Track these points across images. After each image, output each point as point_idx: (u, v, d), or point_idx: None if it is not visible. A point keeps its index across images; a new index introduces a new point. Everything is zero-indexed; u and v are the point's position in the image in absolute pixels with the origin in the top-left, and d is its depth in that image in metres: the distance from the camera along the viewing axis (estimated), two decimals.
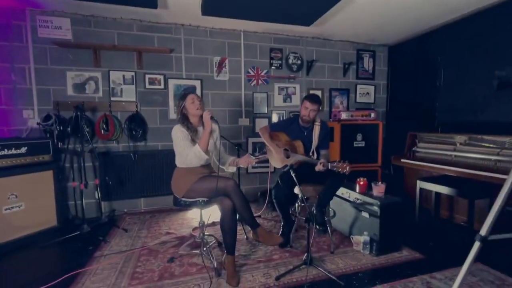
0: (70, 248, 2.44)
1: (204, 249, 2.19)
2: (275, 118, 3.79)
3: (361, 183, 2.41)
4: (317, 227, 2.13)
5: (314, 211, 2.15)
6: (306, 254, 1.99)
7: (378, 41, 4.10)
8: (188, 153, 1.95)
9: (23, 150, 2.54)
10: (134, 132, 3.17)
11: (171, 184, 2.09)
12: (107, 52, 3.10)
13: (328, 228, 2.32)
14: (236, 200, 1.91)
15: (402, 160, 3.28)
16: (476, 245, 0.99)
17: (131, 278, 1.93)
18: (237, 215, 1.96)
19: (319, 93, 3.92)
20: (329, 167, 2.01)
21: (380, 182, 2.32)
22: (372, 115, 3.61)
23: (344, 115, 3.56)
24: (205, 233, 2.28)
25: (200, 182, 1.98)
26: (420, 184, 2.92)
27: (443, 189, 2.68)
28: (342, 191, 2.61)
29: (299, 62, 3.82)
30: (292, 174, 1.96)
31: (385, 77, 4.33)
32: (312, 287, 1.80)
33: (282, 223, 2.47)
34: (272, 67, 3.73)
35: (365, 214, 2.33)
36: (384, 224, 2.19)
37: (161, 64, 3.30)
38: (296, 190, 2.34)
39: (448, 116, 3.40)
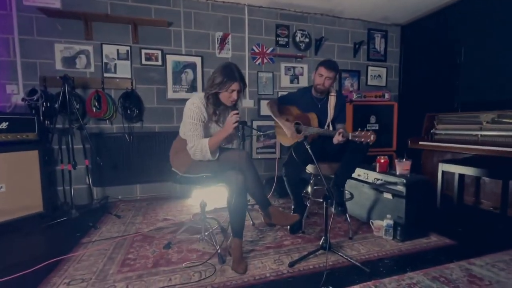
0: (55, 234, 2.18)
1: (206, 233, 1.93)
2: None
3: (382, 161, 2.16)
4: (336, 207, 1.87)
5: (331, 188, 1.89)
6: (323, 238, 1.72)
7: (390, 20, 3.84)
8: (194, 143, 1.63)
9: (4, 125, 2.27)
10: (129, 112, 2.90)
11: (169, 157, 1.82)
12: (99, 24, 2.84)
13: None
14: (248, 174, 1.64)
15: (421, 142, 3.02)
16: None
17: (121, 265, 1.66)
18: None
19: None
20: (350, 138, 1.76)
21: (404, 159, 2.06)
22: (386, 95, 3.35)
23: (356, 96, 3.30)
24: (207, 216, 2.02)
25: None
26: (443, 166, 2.66)
27: (470, 171, 2.42)
28: (358, 172, 2.35)
29: (307, 40, 3.56)
30: (307, 146, 1.70)
31: (397, 59, 4.07)
32: (332, 275, 1.54)
33: (292, 207, 2.21)
34: (278, 46, 3.47)
35: (387, 196, 2.06)
36: (411, 205, 1.93)
37: (159, 39, 3.04)
38: (310, 168, 2.09)
39: (469, 95, 3.13)
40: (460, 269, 1.57)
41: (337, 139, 1.82)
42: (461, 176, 2.79)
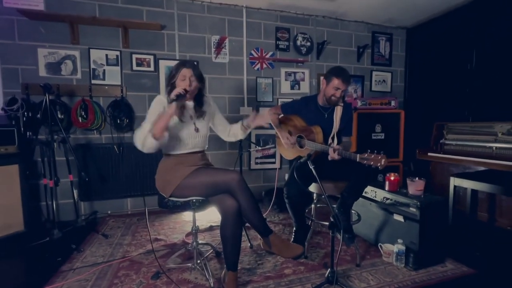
0: (33, 259, 1.98)
1: (198, 261, 1.74)
2: None
3: (392, 178, 1.97)
4: (344, 235, 1.68)
5: (338, 215, 1.71)
6: (329, 270, 1.54)
7: (395, 22, 3.65)
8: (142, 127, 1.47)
9: None
10: (118, 121, 2.71)
11: (155, 180, 1.65)
12: (86, 27, 2.65)
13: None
14: (242, 199, 1.46)
15: (430, 154, 2.83)
16: None
17: None
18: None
19: None
20: (358, 160, 1.57)
21: (417, 178, 1.87)
22: (393, 103, 3.17)
23: (360, 103, 3.12)
24: (200, 242, 1.83)
25: (194, 176, 1.53)
26: (455, 181, 2.48)
27: (485, 187, 2.24)
28: (366, 189, 2.16)
29: (308, 44, 3.37)
30: (311, 167, 1.52)
31: (402, 64, 3.89)
32: None
33: (294, 229, 2.02)
34: (278, 50, 3.29)
35: (398, 218, 1.88)
36: (425, 230, 1.74)
37: (151, 43, 2.85)
38: (313, 188, 1.90)
39: (482, 104, 2.95)
40: None
41: (331, 155, 1.65)
42: (474, 191, 2.61)
